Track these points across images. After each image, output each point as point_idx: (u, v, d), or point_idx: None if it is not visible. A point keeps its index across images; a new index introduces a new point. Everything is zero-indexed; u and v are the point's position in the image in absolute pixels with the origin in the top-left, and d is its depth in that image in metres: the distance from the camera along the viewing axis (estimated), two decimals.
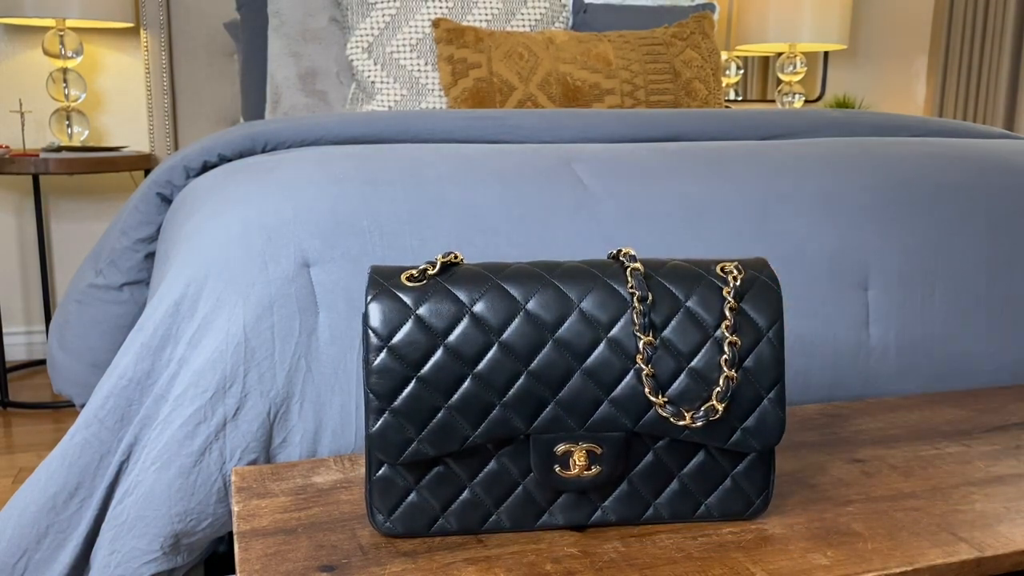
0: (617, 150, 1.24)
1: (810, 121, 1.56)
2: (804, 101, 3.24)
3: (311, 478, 0.82)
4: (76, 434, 0.91)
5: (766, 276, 0.71)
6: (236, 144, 1.31)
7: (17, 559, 0.89)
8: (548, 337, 0.67)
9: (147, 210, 1.32)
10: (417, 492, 0.69)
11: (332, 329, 0.95)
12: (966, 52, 3.42)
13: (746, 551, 0.69)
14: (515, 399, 0.67)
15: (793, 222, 1.13)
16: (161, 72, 2.65)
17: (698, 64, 2.22)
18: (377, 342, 0.66)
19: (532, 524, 0.71)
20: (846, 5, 3.02)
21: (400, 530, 0.70)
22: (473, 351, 0.66)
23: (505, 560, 0.67)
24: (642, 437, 0.71)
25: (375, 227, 1.00)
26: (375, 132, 1.36)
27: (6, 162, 2.31)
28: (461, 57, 2.06)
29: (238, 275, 0.94)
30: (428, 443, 0.67)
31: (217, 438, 0.89)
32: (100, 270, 1.37)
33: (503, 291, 0.68)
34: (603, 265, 0.71)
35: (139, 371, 0.92)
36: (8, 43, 2.64)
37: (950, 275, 1.16)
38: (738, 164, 1.20)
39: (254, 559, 0.67)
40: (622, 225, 1.07)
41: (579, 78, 2.09)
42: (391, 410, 0.66)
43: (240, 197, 1.03)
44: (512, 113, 1.45)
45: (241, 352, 0.91)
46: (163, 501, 0.87)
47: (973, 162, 1.27)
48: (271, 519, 0.73)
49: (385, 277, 0.68)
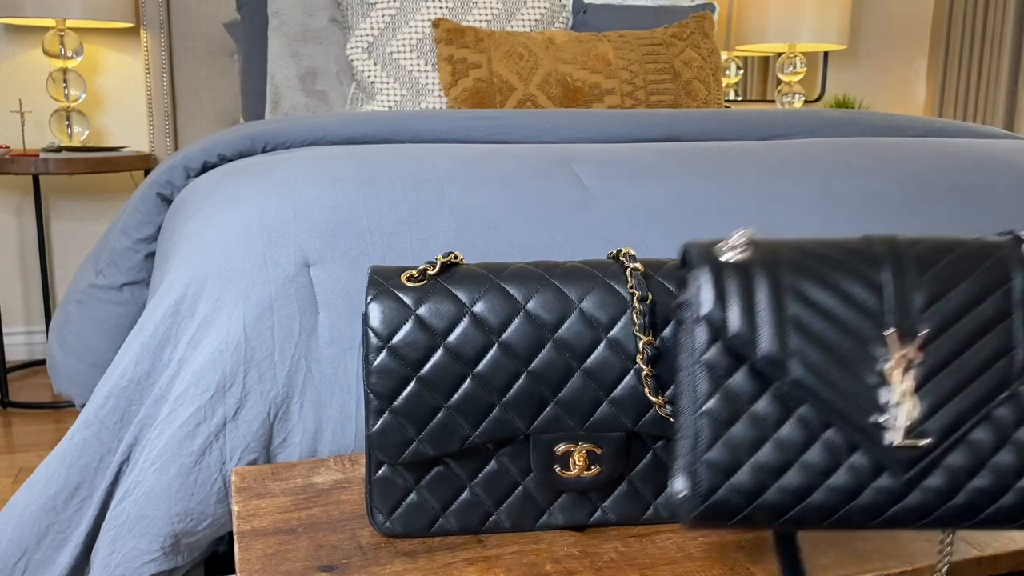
0: (617, 150, 1.24)
1: (810, 121, 1.56)
2: (804, 101, 3.24)
3: (311, 478, 0.82)
4: (76, 434, 0.91)
5: None
6: (236, 144, 1.31)
7: (17, 559, 0.90)
8: (548, 337, 0.67)
9: (147, 210, 1.32)
10: (417, 492, 0.69)
11: (332, 329, 0.95)
12: (966, 52, 3.42)
13: (746, 551, 0.69)
14: (515, 399, 0.67)
15: (793, 222, 1.13)
16: (161, 72, 2.65)
17: (698, 64, 2.22)
18: (377, 342, 0.66)
19: (532, 524, 0.71)
20: (846, 5, 3.02)
21: (400, 530, 0.70)
22: (473, 351, 0.66)
23: (505, 560, 0.67)
24: (642, 437, 0.71)
25: (375, 227, 1.00)
26: (375, 132, 1.36)
27: (6, 162, 2.31)
28: (461, 57, 2.06)
29: (238, 275, 0.94)
30: (428, 443, 0.67)
31: (217, 438, 0.89)
32: (100, 270, 1.37)
33: (503, 291, 0.68)
34: (603, 265, 0.71)
35: (139, 371, 0.92)
36: (8, 43, 2.64)
37: None
38: (738, 164, 1.20)
39: (254, 559, 0.67)
40: (622, 225, 1.07)
41: (579, 78, 2.09)
42: (391, 410, 0.66)
43: (240, 197, 1.03)
44: (512, 113, 1.45)
45: (241, 352, 0.91)
46: (163, 501, 0.87)
47: (973, 162, 1.27)
48: (271, 519, 0.73)
49: (385, 277, 0.68)
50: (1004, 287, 0.54)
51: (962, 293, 0.54)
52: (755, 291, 0.54)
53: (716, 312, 0.54)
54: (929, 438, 0.53)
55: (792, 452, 0.54)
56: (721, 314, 0.54)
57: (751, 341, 0.54)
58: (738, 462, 0.55)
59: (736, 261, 0.55)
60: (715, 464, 0.55)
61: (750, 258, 0.55)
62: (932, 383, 0.53)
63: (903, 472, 0.53)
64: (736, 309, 0.54)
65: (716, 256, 0.55)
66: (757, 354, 0.54)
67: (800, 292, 0.54)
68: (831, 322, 0.54)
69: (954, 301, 0.54)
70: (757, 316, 0.54)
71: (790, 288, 0.54)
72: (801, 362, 0.54)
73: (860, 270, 0.55)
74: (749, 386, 0.55)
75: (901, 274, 0.55)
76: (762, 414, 0.55)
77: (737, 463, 0.55)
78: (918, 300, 0.54)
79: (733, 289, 0.54)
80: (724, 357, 0.55)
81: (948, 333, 0.54)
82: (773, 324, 0.54)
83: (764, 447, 0.54)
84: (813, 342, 0.54)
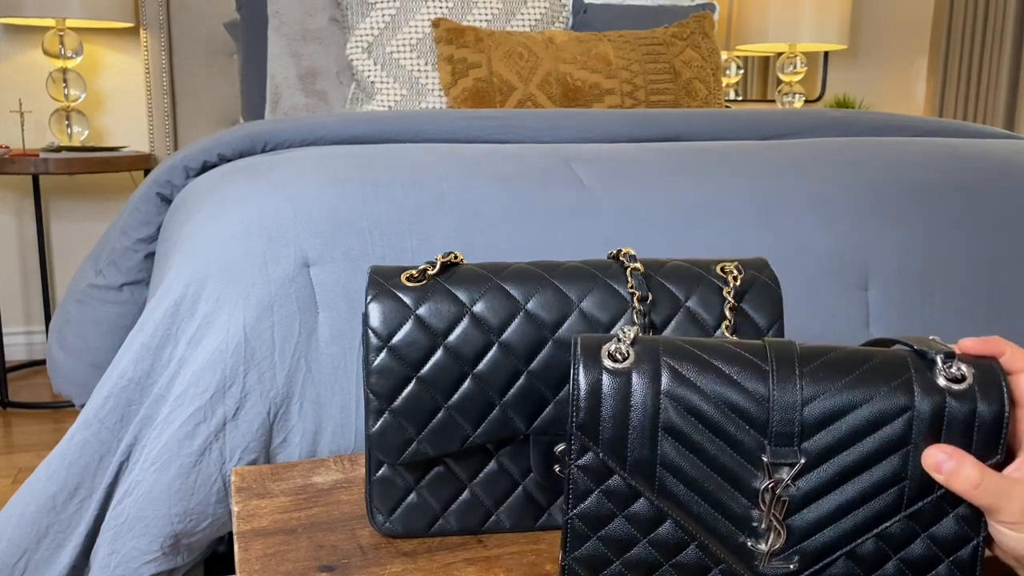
0: (617, 150, 1.24)
1: (810, 121, 1.56)
2: (804, 101, 3.24)
3: (311, 478, 0.82)
4: (76, 434, 0.91)
5: (766, 276, 0.71)
6: (236, 144, 1.31)
7: (17, 559, 0.89)
8: (548, 337, 0.67)
9: (147, 210, 1.32)
10: (417, 492, 0.69)
11: (332, 329, 0.95)
12: (966, 52, 3.42)
13: None
14: (515, 399, 0.67)
15: (793, 222, 1.13)
16: (161, 72, 2.65)
17: (698, 64, 2.22)
18: (377, 342, 0.66)
19: (532, 524, 0.71)
20: (846, 5, 3.02)
21: (400, 530, 0.70)
22: (473, 351, 0.66)
23: (505, 560, 0.67)
24: None
25: (375, 227, 1.00)
26: (375, 132, 1.36)
27: (6, 162, 2.31)
28: (461, 57, 2.06)
29: (238, 275, 0.94)
30: (428, 443, 0.67)
31: (217, 438, 0.89)
32: (100, 270, 1.37)
33: (503, 291, 0.68)
34: (603, 265, 0.71)
35: (139, 371, 0.92)
36: (8, 43, 2.64)
37: (950, 275, 1.16)
38: (738, 164, 1.20)
39: (254, 559, 0.67)
40: (622, 225, 1.07)
41: (579, 78, 2.09)
42: (391, 410, 0.66)
43: (240, 197, 1.03)
44: (512, 113, 1.45)
45: (241, 352, 0.91)
46: (163, 501, 0.87)
47: (973, 162, 1.27)
48: (271, 519, 0.73)
49: (385, 277, 0.68)
50: (904, 414, 0.51)
51: (856, 417, 0.51)
52: (630, 401, 0.52)
53: (589, 421, 0.53)
54: (796, 563, 0.51)
55: (665, 553, 0.53)
56: (593, 424, 0.53)
57: (620, 454, 0.52)
58: (609, 559, 0.54)
59: (616, 368, 0.53)
60: (585, 560, 0.54)
61: (631, 365, 0.53)
62: (811, 508, 0.51)
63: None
64: (608, 420, 0.52)
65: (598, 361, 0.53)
66: (625, 468, 0.52)
67: (678, 404, 0.52)
68: (707, 437, 0.52)
69: (846, 425, 0.51)
70: (628, 427, 0.52)
71: (669, 398, 0.52)
72: (670, 476, 0.52)
73: (745, 385, 0.52)
74: (624, 490, 0.53)
75: (791, 390, 0.51)
76: (636, 516, 0.53)
77: (608, 560, 0.54)
78: (806, 419, 0.51)
79: (608, 397, 0.52)
80: (599, 463, 0.53)
81: (835, 459, 0.51)
82: (644, 436, 0.52)
83: (637, 547, 0.54)
84: (684, 457, 0.52)
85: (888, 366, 0.52)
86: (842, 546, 0.51)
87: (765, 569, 0.52)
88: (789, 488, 0.51)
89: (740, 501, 0.52)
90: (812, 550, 0.52)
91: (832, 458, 0.51)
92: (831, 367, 0.52)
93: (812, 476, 0.51)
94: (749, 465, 0.52)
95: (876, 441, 0.51)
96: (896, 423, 0.51)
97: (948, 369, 0.51)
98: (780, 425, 0.51)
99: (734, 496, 0.52)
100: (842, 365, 0.52)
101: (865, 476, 0.51)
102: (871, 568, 0.52)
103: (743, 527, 0.52)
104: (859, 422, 0.51)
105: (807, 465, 0.51)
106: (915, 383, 0.51)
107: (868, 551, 0.52)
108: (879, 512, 0.51)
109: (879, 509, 0.51)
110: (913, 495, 0.51)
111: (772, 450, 0.51)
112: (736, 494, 0.52)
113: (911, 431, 0.51)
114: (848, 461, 0.51)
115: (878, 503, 0.51)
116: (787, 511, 0.52)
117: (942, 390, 0.51)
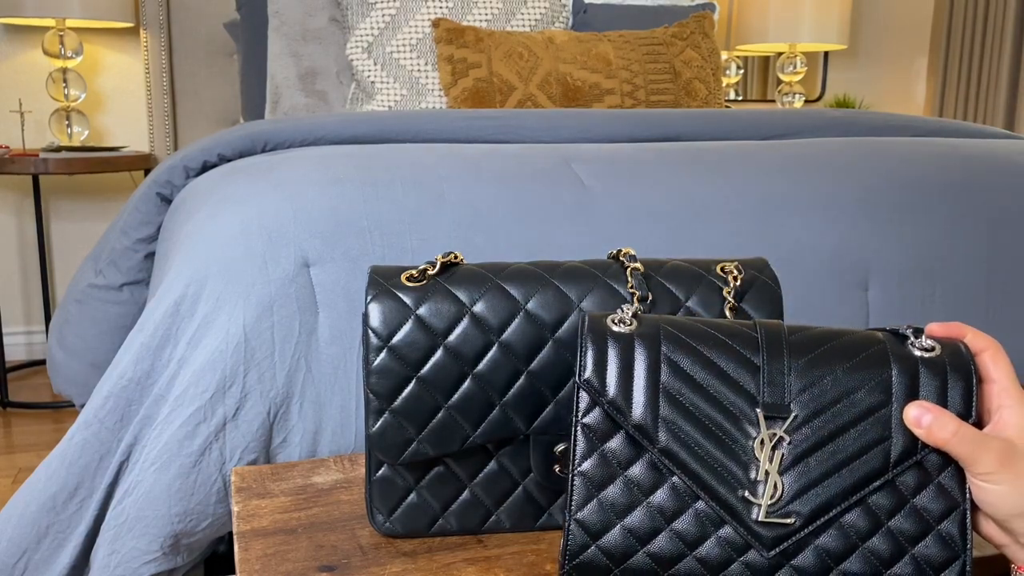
0: (617, 150, 1.24)
1: (810, 121, 1.56)
2: (804, 101, 3.24)
3: (311, 478, 0.82)
4: (76, 434, 0.91)
5: (766, 276, 0.71)
6: (236, 144, 1.31)
7: (17, 559, 0.89)
8: (548, 337, 0.67)
9: (147, 210, 1.32)
10: (417, 492, 0.69)
11: (332, 329, 0.95)
12: (966, 52, 3.42)
13: None
14: (515, 399, 0.67)
15: (793, 222, 1.13)
16: (161, 72, 2.65)
17: (698, 64, 2.22)
18: (377, 342, 0.66)
19: (532, 524, 0.71)
20: (846, 5, 3.02)
21: (400, 530, 0.70)
22: (473, 351, 0.66)
23: (505, 560, 0.67)
24: None
25: (375, 227, 1.00)
26: (375, 132, 1.36)
27: (6, 162, 2.31)
28: (461, 57, 2.06)
29: (238, 275, 0.94)
30: (428, 443, 0.67)
31: (217, 438, 0.89)
32: (100, 270, 1.37)
33: (503, 291, 0.68)
34: (603, 265, 0.71)
35: (139, 371, 0.92)
36: (8, 43, 2.64)
37: (950, 275, 1.16)
38: (738, 164, 1.20)
39: (254, 559, 0.67)
40: (622, 225, 1.07)
41: (579, 78, 2.09)
42: (391, 410, 0.66)
43: (240, 197, 1.03)
44: (512, 113, 1.45)
45: (241, 352, 0.91)
46: (163, 501, 0.87)
47: (973, 162, 1.27)
48: (271, 519, 0.73)
49: (385, 277, 0.68)
50: (882, 377, 0.55)
51: (839, 381, 0.55)
52: (634, 361, 0.57)
53: (595, 377, 0.57)
54: (794, 518, 0.54)
55: (663, 519, 0.56)
56: (600, 380, 0.57)
57: (624, 408, 0.56)
58: (609, 524, 0.56)
59: (620, 332, 0.58)
60: (586, 524, 0.56)
61: (634, 330, 0.58)
62: (802, 464, 0.54)
63: (769, 549, 0.54)
64: (613, 376, 0.56)
65: (603, 326, 0.58)
66: (629, 421, 0.56)
67: (677, 365, 0.56)
68: (705, 396, 0.56)
69: (830, 387, 0.55)
70: (632, 384, 0.56)
71: (667, 361, 0.56)
72: (670, 432, 0.55)
73: (738, 350, 0.57)
74: (625, 451, 0.57)
75: (779, 357, 0.56)
76: (636, 479, 0.56)
77: (608, 525, 0.56)
78: (793, 383, 0.55)
79: (613, 357, 0.57)
80: (603, 421, 0.57)
81: (822, 418, 0.55)
82: (647, 393, 0.56)
83: (636, 511, 0.56)
84: (684, 414, 0.55)
85: (866, 338, 0.58)
86: (835, 504, 0.54)
87: (764, 524, 0.54)
88: (783, 441, 0.55)
89: (737, 457, 0.55)
90: (808, 508, 0.54)
91: (821, 415, 0.55)
92: (815, 337, 0.58)
93: (803, 433, 0.55)
94: (744, 421, 0.55)
95: (860, 401, 0.55)
96: (876, 384, 0.55)
97: (918, 341, 0.57)
98: (771, 386, 0.56)
99: (731, 451, 0.55)
100: (824, 337, 0.58)
101: (852, 434, 0.55)
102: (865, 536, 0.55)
103: (741, 482, 0.55)
104: (843, 384, 0.55)
105: (798, 420, 0.55)
106: (890, 352, 0.56)
107: (859, 519, 0.55)
108: (868, 472, 0.54)
109: (867, 469, 0.54)
110: (898, 455, 0.54)
111: (765, 404, 0.55)
112: (733, 449, 0.55)
113: (891, 392, 0.55)
114: (835, 422, 0.55)
115: (865, 462, 0.55)
116: (782, 467, 0.55)
117: (915, 357, 0.56)
